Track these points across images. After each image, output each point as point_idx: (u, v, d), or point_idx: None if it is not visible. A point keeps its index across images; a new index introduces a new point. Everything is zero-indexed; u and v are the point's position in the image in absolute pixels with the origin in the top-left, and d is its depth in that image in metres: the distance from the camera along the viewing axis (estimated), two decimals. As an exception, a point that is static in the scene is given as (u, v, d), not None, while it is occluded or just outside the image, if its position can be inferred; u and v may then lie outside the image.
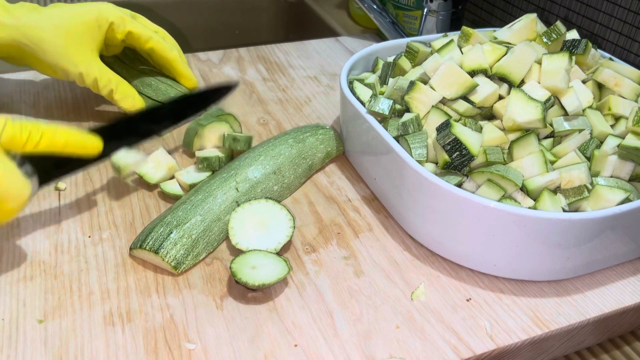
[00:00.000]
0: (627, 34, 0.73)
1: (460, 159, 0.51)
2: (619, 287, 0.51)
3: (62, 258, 0.52)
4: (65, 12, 0.65)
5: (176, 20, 1.16)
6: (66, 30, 0.64)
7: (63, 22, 0.64)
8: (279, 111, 0.76)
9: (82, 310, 0.47)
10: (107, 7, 0.67)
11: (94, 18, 0.65)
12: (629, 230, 0.49)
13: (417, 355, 0.45)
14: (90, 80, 0.65)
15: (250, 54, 0.91)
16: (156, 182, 0.59)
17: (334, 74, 0.86)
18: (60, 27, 0.64)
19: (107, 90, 0.66)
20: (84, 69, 0.65)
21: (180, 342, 0.45)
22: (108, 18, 0.66)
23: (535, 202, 0.50)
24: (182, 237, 0.51)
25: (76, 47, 0.65)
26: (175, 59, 0.71)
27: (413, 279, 0.51)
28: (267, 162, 0.58)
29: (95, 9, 0.66)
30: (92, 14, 0.65)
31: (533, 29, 0.59)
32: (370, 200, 0.61)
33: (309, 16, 1.18)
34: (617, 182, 0.51)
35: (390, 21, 0.92)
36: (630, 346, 0.53)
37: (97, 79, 0.65)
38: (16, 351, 0.44)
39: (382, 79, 0.64)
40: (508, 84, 0.56)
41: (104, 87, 0.66)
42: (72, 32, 0.64)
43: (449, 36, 0.65)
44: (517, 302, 0.49)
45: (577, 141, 0.53)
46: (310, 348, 0.45)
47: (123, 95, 0.67)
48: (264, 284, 0.47)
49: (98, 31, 0.66)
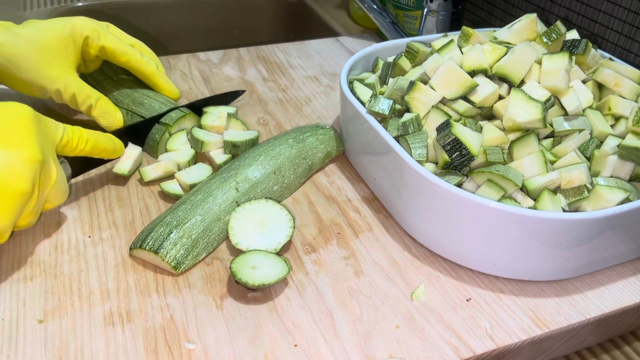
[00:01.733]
0: (627, 34, 0.73)
1: (460, 159, 0.51)
2: (619, 287, 0.51)
3: (62, 258, 0.52)
4: (38, 28, 0.63)
5: (176, 20, 1.17)
6: (41, 46, 0.62)
7: (37, 38, 0.62)
8: (279, 111, 0.76)
9: (82, 310, 0.47)
10: (81, 22, 0.65)
11: (68, 33, 0.64)
12: (629, 230, 0.49)
13: (417, 355, 0.45)
14: (68, 96, 0.64)
15: (250, 54, 0.91)
16: (150, 179, 0.60)
17: (334, 74, 0.86)
18: (34, 43, 0.62)
19: (85, 106, 0.64)
20: (62, 85, 0.63)
21: (180, 342, 0.45)
22: (82, 32, 0.65)
23: (535, 202, 0.50)
24: (182, 237, 0.51)
25: (52, 63, 0.63)
26: (152, 73, 0.69)
27: (413, 279, 0.51)
28: (267, 162, 0.58)
29: (69, 24, 0.64)
30: (66, 28, 0.64)
31: (533, 29, 0.59)
32: (370, 200, 0.61)
33: (309, 16, 1.18)
34: (617, 182, 0.51)
35: (390, 21, 0.92)
36: (630, 346, 0.53)
37: (75, 94, 0.64)
38: (16, 351, 0.44)
39: (382, 79, 0.64)
40: (508, 84, 0.56)
41: (83, 103, 0.64)
42: (47, 48, 0.62)
43: (449, 36, 0.65)
44: (517, 302, 0.49)
45: (577, 141, 0.53)
46: (310, 348, 0.45)
47: (102, 111, 0.65)
48: (264, 284, 0.47)
49: (73, 46, 0.64)
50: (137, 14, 1.13)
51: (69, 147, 0.53)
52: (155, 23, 1.15)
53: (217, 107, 0.70)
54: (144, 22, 1.14)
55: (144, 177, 0.60)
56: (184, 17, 1.17)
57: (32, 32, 0.62)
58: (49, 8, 1.06)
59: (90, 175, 0.62)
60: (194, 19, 1.18)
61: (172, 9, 1.15)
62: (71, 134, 0.53)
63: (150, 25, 1.14)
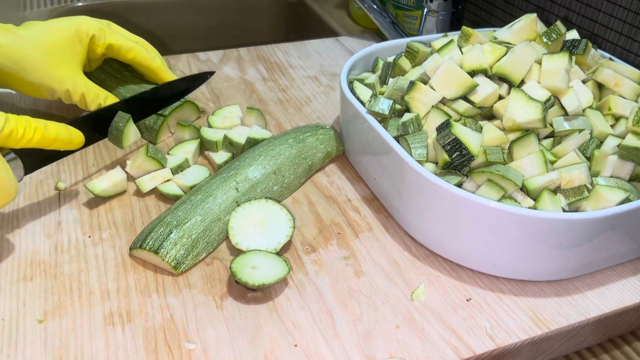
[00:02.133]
0: (627, 34, 0.73)
1: (460, 159, 0.51)
2: (619, 287, 0.51)
3: (62, 258, 0.52)
4: (43, 29, 0.63)
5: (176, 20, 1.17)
6: (47, 47, 0.62)
7: (43, 39, 0.62)
8: (279, 111, 0.76)
9: (82, 310, 0.47)
10: (85, 21, 0.65)
11: (73, 32, 0.64)
12: (629, 230, 0.49)
13: (417, 355, 0.45)
14: (77, 97, 0.63)
15: (250, 54, 0.91)
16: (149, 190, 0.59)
17: (334, 74, 0.86)
18: (40, 44, 0.61)
19: (95, 105, 0.64)
20: (71, 86, 0.63)
21: (180, 342, 0.45)
22: (89, 32, 0.65)
23: (535, 202, 0.50)
24: (182, 237, 0.51)
25: (59, 64, 0.62)
26: (158, 68, 0.69)
27: (413, 279, 0.51)
28: (267, 162, 0.58)
29: (74, 24, 0.64)
30: (71, 28, 0.64)
31: (533, 29, 0.59)
32: (370, 200, 0.61)
33: (309, 16, 1.18)
34: (617, 182, 0.51)
35: (390, 21, 0.92)
36: (630, 346, 0.53)
37: (84, 94, 0.63)
38: (16, 351, 0.44)
39: (382, 79, 0.64)
40: (508, 84, 0.56)
41: (92, 102, 0.64)
42: (53, 49, 0.62)
43: (449, 36, 0.65)
44: (517, 302, 0.49)
45: (577, 141, 0.53)
46: (310, 348, 0.45)
47: None
48: (264, 284, 0.47)
49: (80, 45, 0.64)
50: (137, 13, 1.13)
51: (14, 137, 0.49)
52: (155, 23, 1.15)
53: (229, 107, 0.71)
54: (144, 21, 1.14)
55: (143, 189, 0.58)
56: (184, 17, 1.17)
57: (37, 34, 0.62)
58: (48, 8, 1.06)
59: (91, 175, 0.62)
60: (194, 19, 1.18)
61: (172, 9, 1.15)
62: (14, 123, 0.49)
63: (150, 25, 1.15)
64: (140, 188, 0.58)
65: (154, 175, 0.59)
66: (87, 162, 0.64)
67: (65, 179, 0.61)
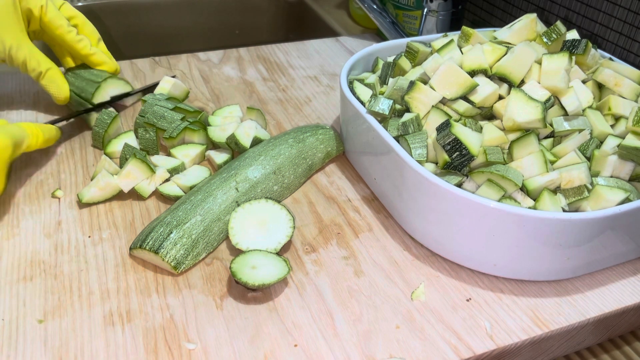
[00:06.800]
0: (627, 34, 0.73)
1: (460, 159, 0.51)
2: (619, 287, 0.51)
3: (62, 258, 0.52)
4: None
5: (176, 20, 1.17)
6: None
7: None
8: (279, 111, 0.76)
9: (82, 310, 0.47)
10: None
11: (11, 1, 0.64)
12: (629, 230, 0.49)
13: (417, 355, 0.45)
14: (19, 60, 0.65)
15: (250, 54, 0.91)
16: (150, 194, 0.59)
17: (334, 74, 0.86)
18: None
19: (35, 73, 0.66)
20: (14, 48, 0.64)
21: (180, 342, 0.45)
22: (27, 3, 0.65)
23: (535, 202, 0.50)
24: (182, 237, 0.51)
25: (3, 26, 0.63)
26: (85, 52, 0.70)
27: (413, 279, 0.51)
28: (267, 162, 0.58)
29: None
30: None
31: (533, 29, 0.59)
32: (370, 200, 0.61)
33: (309, 16, 1.18)
34: (617, 182, 0.51)
35: (390, 21, 0.92)
36: (630, 346, 0.53)
37: (26, 60, 0.65)
38: (16, 351, 0.44)
39: (382, 79, 0.64)
40: (508, 84, 0.56)
41: (33, 69, 0.66)
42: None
43: (449, 36, 0.65)
44: (517, 302, 0.49)
45: (577, 141, 0.53)
46: (310, 348, 0.45)
47: (50, 80, 0.67)
48: (264, 284, 0.47)
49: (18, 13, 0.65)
50: (137, 14, 1.13)
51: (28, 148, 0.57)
52: (155, 23, 1.15)
53: (229, 107, 0.71)
54: (144, 21, 1.14)
55: (144, 194, 0.58)
56: (184, 17, 1.17)
57: None
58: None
59: (91, 175, 0.62)
60: (194, 19, 1.18)
61: (172, 9, 1.15)
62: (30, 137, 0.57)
63: (151, 25, 1.15)
64: (140, 194, 0.58)
65: (151, 179, 0.59)
66: (87, 162, 0.64)
67: (65, 179, 0.61)
